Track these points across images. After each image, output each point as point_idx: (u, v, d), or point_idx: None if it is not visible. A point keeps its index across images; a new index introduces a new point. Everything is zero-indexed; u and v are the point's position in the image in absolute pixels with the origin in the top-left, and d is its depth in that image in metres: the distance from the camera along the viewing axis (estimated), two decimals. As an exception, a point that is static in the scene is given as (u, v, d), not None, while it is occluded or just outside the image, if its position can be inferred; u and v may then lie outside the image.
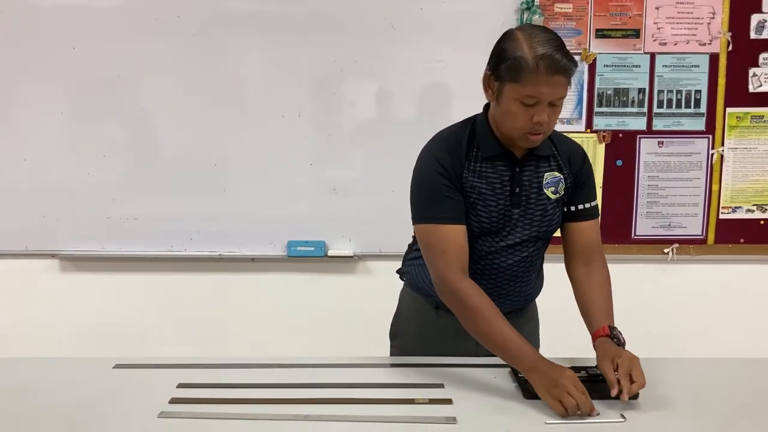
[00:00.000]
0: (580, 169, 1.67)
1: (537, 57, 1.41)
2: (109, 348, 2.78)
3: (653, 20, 2.77)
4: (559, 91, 1.46)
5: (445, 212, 1.57)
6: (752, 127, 2.83)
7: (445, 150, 1.60)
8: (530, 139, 1.52)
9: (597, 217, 1.70)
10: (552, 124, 1.53)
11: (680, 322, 2.94)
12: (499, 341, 1.51)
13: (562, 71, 1.43)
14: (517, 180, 1.61)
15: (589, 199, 1.68)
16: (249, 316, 2.91)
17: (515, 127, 1.51)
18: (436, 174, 1.58)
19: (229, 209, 2.84)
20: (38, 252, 2.87)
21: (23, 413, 1.41)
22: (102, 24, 2.74)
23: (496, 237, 1.64)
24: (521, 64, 1.43)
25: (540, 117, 1.46)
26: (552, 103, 1.47)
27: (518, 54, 1.44)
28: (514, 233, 1.64)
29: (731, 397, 1.52)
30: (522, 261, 1.67)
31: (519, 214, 1.62)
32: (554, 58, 1.41)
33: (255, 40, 2.76)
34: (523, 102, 1.46)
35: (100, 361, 1.68)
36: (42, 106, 2.79)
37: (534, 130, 1.49)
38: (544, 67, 1.41)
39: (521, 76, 1.43)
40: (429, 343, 1.74)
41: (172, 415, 1.39)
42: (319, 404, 1.43)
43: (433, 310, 1.74)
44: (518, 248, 1.66)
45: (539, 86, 1.43)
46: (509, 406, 1.43)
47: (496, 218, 1.61)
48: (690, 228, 2.88)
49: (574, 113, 2.82)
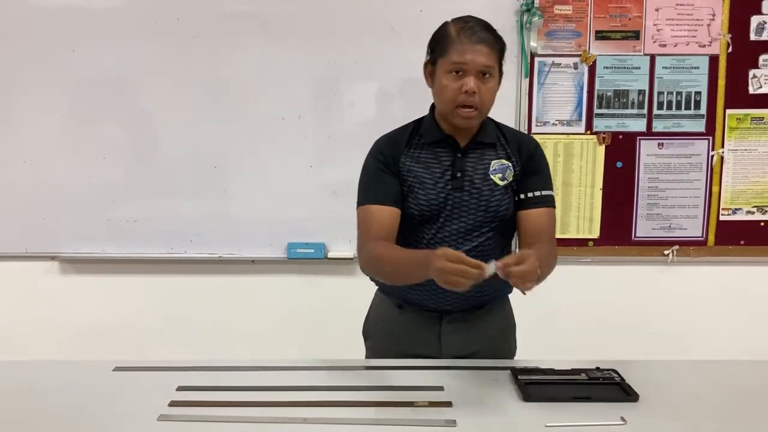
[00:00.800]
0: (529, 157, 1.70)
1: (458, 29, 1.59)
2: (109, 350, 2.78)
3: (653, 22, 2.77)
4: (483, 60, 1.56)
5: (376, 194, 1.65)
6: (752, 129, 2.83)
7: (387, 140, 1.71)
8: (462, 115, 1.59)
9: (549, 206, 1.71)
10: (486, 101, 1.59)
11: (681, 323, 2.93)
12: (404, 268, 1.56)
13: (483, 41, 1.56)
14: (459, 165, 1.65)
15: (540, 188, 1.70)
16: (249, 318, 2.91)
17: (447, 99, 1.59)
18: (375, 161, 1.69)
19: (229, 211, 2.84)
20: (38, 254, 2.88)
21: (23, 416, 1.41)
22: (102, 26, 2.74)
23: (440, 222, 1.66)
24: (446, 38, 1.60)
25: (468, 86, 1.55)
26: (481, 76, 1.56)
27: (444, 32, 1.62)
28: (459, 218, 1.66)
29: (732, 399, 1.52)
30: (473, 251, 1.65)
31: (461, 199, 1.65)
32: (474, 29, 1.57)
33: (254, 42, 2.76)
34: (452, 72, 1.57)
35: (99, 363, 1.67)
36: (42, 108, 2.79)
37: (464, 101, 1.57)
38: (465, 36, 1.56)
39: (447, 48, 1.58)
40: (396, 342, 1.77)
41: (172, 418, 1.39)
42: (319, 407, 1.43)
43: (397, 309, 1.77)
44: (468, 237, 1.67)
45: (463, 54, 1.55)
46: (509, 409, 1.43)
47: (435, 202, 1.64)
48: (690, 230, 2.88)
49: (574, 115, 2.82)
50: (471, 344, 1.74)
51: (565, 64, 2.79)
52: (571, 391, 1.48)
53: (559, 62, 2.79)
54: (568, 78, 2.80)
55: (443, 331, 1.73)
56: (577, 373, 1.57)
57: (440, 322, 1.73)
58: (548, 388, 1.50)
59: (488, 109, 1.63)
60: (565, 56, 2.79)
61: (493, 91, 1.61)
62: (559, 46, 2.79)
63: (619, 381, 1.53)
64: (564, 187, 2.85)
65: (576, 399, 1.45)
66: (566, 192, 2.86)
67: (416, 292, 1.70)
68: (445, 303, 1.70)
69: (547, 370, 1.59)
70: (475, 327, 1.75)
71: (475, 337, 1.75)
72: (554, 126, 2.82)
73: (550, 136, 2.82)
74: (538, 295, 3.12)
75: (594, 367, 1.60)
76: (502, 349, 1.80)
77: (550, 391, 1.49)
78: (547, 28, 2.77)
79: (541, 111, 2.82)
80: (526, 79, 2.79)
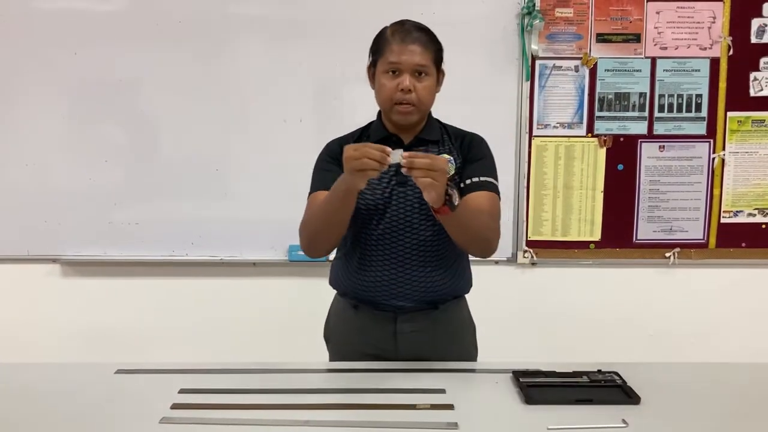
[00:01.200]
0: (469, 147, 1.75)
1: (394, 31, 1.67)
2: (111, 353, 2.78)
3: (654, 25, 2.77)
4: (417, 59, 1.63)
5: (323, 183, 1.70)
6: (753, 131, 2.83)
7: (337, 140, 1.79)
8: (401, 111, 1.66)
9: (490, 191, 1.70)
10: (422, 98, 1.65)
11: (682, 326, 2.93)
12: (327, 198, 1.61)
13: (416, 41, 1.64)
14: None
15: (479, 174, 1.71)
16: (250, 321, 2.91)
17: (385, 98, 1.66)
18: (324, 157, 1.77)
19: (230, 214, 2.84)
20: (40, 257, 2.88)
21: (24, 418, 1.41)
22: (104, 29, 2.75)
23: (387, 216, 1.70)
24: (383, 40, 1.68)
25: (403, 84, 1.63)
26: (416, 75, 1.63)
27: (382, 35, 1.70)
28: (405, 212, 1.70)
29: (733, 401, 1.52)
30: (422, 245, 1.70)
31: (405, 193, 1.69)
32: (409, 31, 1.65)
33: (256, 45, 2.77)
34: (389, 72, 1.65)
35: (101, 366, 1.68)
36: (44, 110, 2.80)
37: (401, 98, 1.64)
38: (399, 37, 1.65)
39: (383, 49, 1.66)
40: (354, 343, 1.79)
41: (174, 420, 1.39)
42: (320, 409, 1.43)
43: (353, 310, 1.79)
44: (415, 230, 1.70)
45: (398, 54, 1.63)
46: (511, 412, 1.43)
47: (380, 195, 1.70)
48: (691, 232, 2.88)
49: (575, 117, 2.82)
50: (425, 345, 1.76)
51: (566, 67, 2.80)
52: (573, 394, 1.48)
53: (560, 65, 2.80)
54: (569, 81, 2.80)
55: (398, 330, 1.75)
56: (578, 376, 1.57)
57: (395, 321, 1.75)
58: (550, 391, 1.50)
59: (427, 105, 1.70)
60: (566, 59, 2.79)
61: (430, 89, 1.68)
62: (560, 48, 2.79)
63: (621, 383, 1.53)
64: (565, 189, 2.86)
65: (578, 401, 1.45)
66: (567, 195, 2.86)
67: (369, 289, 1.73)
68: (397, 297, 1.72)
69: (549, 372, 1.59)
70: (430, 327, 1.76)
71: (429, 338, 1.76)
72: (555, 129, 2.83)
73: (552, 139, 2.83)
74: (540, 298, 3.13)
75: (596, 369, 1.60)
76: (460, 351, 1.80)
77: (552, 393, 1.49)
78: (548, 31, 2.78)
79: (542, 114, 2.82)
80: (528, 82, 2.79)
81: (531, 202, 2.86)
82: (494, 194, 1.71)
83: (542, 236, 2.87)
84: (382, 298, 1.73)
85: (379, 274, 1.72)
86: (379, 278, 1.71)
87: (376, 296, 1.73)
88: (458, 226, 1.58)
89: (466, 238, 1.63)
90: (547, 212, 2.86)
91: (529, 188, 2.86)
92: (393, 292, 1.72)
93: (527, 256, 2.86)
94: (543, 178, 2.85)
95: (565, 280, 2.91)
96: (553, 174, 2.85)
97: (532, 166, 2.85)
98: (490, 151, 1.78)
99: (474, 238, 1.64)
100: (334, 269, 1.86)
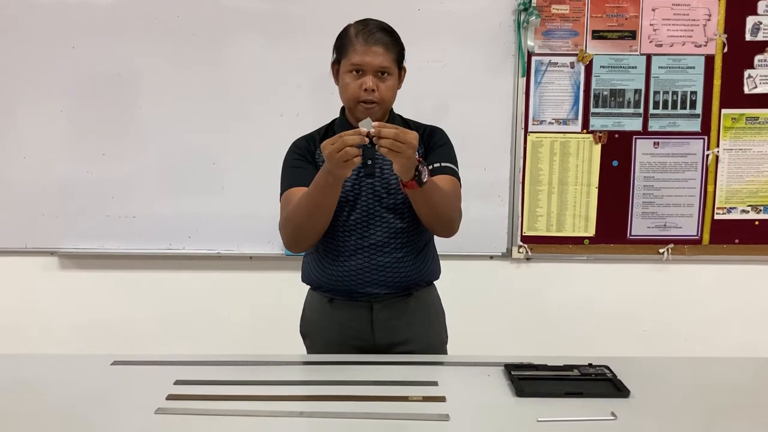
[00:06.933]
0: (430, 137, 1.82)
1: (357, 31, 1.71)
2: (107, 345, 2.80)
3: (649, 22, 2.79)
4: (380, 60, 1.68)
5: (294, 179, 1.76)
6: (747, 129, 2.85)
7: (304, 138, 1.85)
8: (365, 109, 1.70)
9: (450, 176, 1.77)
10: (385, 96, 1.71)
11: (675, 321, 2.96)
12: (309, 191, 1.65)
13: (379, 43, 1.68)
14: (369, 153, 1.69)
15: (439, 160, 1.79)
16: (247, 314, 2.93)
17: (350, 97, 1.72)
18: (292, 154, 1.82)
19: (227, 208, 2.85)
20: (37, 249, 2.89)
21: (22, 409, 1.42)
22: (101, 23, 2.75)
23: (358, 207, 1.76)
24: (346, 40, 1.72)
25: (367, 84, 1.68)
26: (379, 75, 1.69)
27: (345, 34, 1.74)
28: (374, 203, 1.76)
29: (723, 396, 1.53)
30: (392, 233, 1.77)
31: (373, 185, 1.76)
32: (371, 32, 1.69)
33: (253, 39, 2.77)
34: (352, 72, 1.69)
35: (98, 357, 1.69)
36: (42, 105, 2.80)
37: (364, 97, 1.69)
38: (362, 38, 1.69)
39: (347, 50, 1.71)
40: (332, 336, 1.83)
41: (169, 411, 1.40)
42: (315, 401, 1.44)
43: (328, 304, 1.83)
44: (383, 220, 1.77)
45: (361, 55, 1.68)
46: (502, 404, 1.45)
47: (349, 188, 1.75)
48: (685, 228, 2.90)
49: (570, 114, 2.83)
50: (402, 331, 1.81)
51: (561, 64, 2.81)
52: (563, 387, 1.50)
53: (556, 61, 2.81)
54: (565, 77, 2.82)
55: (375, 318, 1.80)
56: (569, 369, 1.58)
57: (371, 309, 1.80)
58: (541, 384, 1.52)
59: (388, 103, 1.75)
60: (561, 55, 2.81)
61: (392, 88, 1.73)
62: (556, 45, 2.80)
63: (611, 377, 1.55)
64: (560, 185, 2.87)
65: (568, 394, 1.47)
66: (562, 190, 2.87)
67: (343, 278, 1.77)
68: (372, 285, 1.76)
69: (540, 365, 1.60)
70: (405, 314, 1.82)
71: (405, 324, 1.82)
72: (551, 125, 2.84)
73: (547, 135, 2.84)
74: (533, 292, 3.14)
75: (586, 363, 1.62)
76: (434, 337, 1.88)
77: (543, 386, 1.50)
78: (544, 28, 2.79)
79: (537, 110, 2.83)
80: (523, 78, 2.80)
81: (526, 198, 2.88)
82: (455, 178, 1.78)
83: (537, 231, 2.89)
84: (357, 287, 1.77)
85: (352, 262, 1.76)
86: (353, 267, 1.77)
87: (351, 285, 1.78)
88: (426, 203, 1.65)
89: (431, 214, 1.70)
90: (542, 208, 2.88)
91: (524, 184, 2.87)
92: (367, 280, 1.77)
93: (522, 252, 2.88)
94: (538, 174, 2.87)
95: (559, 276, 2.93)
96: (548, 170, 2.86)
97: (527, 162, 2.86)
98: (450, 141, 1.85)
99: (439, 215, 1.71)
100: (306, 265, 1.90)
